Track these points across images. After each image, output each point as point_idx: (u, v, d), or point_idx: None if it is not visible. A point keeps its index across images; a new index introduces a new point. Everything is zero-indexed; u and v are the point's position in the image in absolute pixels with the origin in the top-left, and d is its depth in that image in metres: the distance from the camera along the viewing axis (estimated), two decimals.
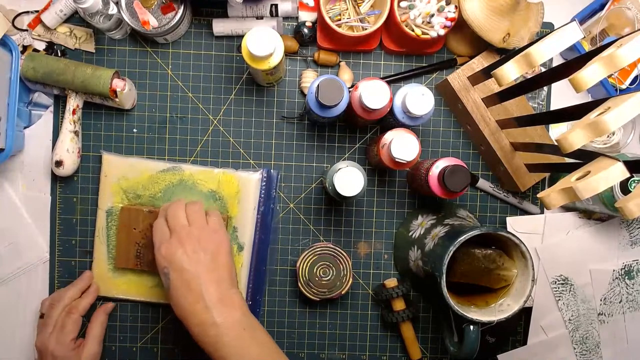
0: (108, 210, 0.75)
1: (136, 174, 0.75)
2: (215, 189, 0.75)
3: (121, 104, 0.74)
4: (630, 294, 0.76)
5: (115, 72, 0.72)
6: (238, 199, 0.76)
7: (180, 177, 0.76)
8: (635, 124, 0.76)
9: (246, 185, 0.76)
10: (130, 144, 0.78)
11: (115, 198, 0.75)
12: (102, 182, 0.75)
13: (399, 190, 0.80)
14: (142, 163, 0.75)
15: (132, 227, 0.74)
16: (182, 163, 0.76)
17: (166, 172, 0.75)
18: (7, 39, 0.72)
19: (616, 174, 0.48)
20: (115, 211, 0.75)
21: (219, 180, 0.76)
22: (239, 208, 0.76)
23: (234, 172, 0.76)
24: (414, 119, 0.67)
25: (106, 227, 0.75)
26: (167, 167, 0.75)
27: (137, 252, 0.74)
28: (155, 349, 0.79)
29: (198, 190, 0.75)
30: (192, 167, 0.76)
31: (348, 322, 0.80)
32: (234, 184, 0.76)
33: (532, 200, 0.80)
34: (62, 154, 0.73)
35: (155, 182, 0.75)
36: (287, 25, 0.78)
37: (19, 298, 0.77)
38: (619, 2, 0.76)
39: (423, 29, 0.71)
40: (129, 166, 0.75)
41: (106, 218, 0.75)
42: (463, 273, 0.66)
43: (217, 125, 0.78)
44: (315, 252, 0.74)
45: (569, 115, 0.58)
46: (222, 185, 0.76)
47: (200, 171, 0.76)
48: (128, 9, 0.71)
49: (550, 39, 0.55)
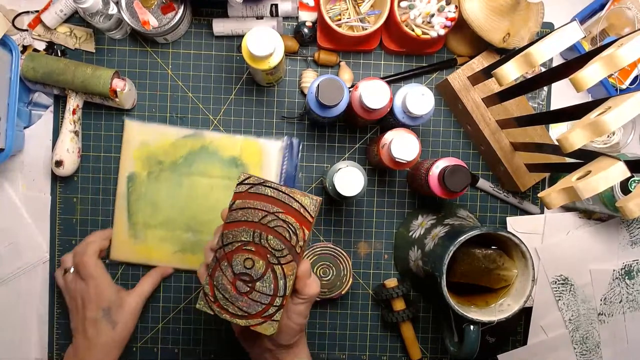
0: (129, 176, 0.76)
1: (158, 139, 0.75)
2: (237, 156, 0.76)
3: (121, 104, 0.74)
4: (630, 294, 0.76)
5: (115, 72, 0.72)
6: (260, 166, 0.76)
7: (202, 143, 0.76)
8: (635, 124, 0.76)
9: (269, 152, 0.76)
10: None
11: (136, 163, 0.76)
12: (123, 148, 0.76)
13: (399, 190, 0.80)
14: (164, 129, 0.76)
15: None
16: (204, 129, 0.77)
17: (188, 138, 0.76)
18: (7, 39, 0.72)
19: (616, 173, 0.48)
20: (135, 177, 0.75)
21: (241, 147, 0.76)
22: (261, 175, 0.76)
23: (256, 139, 0.76)
24: (414, 119, 0.67)
25: (127, 193, 0.76)
26: (189, 133, 0.76)
27: None
28: (155, 349, 0.79)
29: (219, 156, 0.76)
30: (213, 133, 0.76)
31: (348, 322, 0.80)
32: (257, 151, 0.76)
33: (532, 200, 0.80)
34: (62, 154, 0.73)
35: (177, 148, 0.76)
36: (287, 25, 0.78)
37: (19, 298, 0.77)
38: (619, 2, 0.76)
39: (423, 29, 0.71)
40: (151, 132, 0.76)
41: (127, 184, 0.76)
42: (463, 273, 0.66)
43: (217, 126, 0.78)
44: (315, 252, 0.74)
45: (569, 115, 0.58)
46: (244, 152, 0.76)
47: (222, 137, 0.76)
48: (128, 9, 0.71)
49: (550, 39, 0.55)
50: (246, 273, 0.53)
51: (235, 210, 0.54)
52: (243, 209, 0.53)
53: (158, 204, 0.76)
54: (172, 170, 0.76)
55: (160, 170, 0.76)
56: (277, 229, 0.53)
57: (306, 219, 0.53)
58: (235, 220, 0.53)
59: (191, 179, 0.76)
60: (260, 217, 0.53)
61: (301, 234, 0.53)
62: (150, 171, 0.76)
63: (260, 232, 0.53)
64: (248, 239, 0.53)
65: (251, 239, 0.53)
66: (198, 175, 0.76)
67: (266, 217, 0.53)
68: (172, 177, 0.76)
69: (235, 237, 0.53)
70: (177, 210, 0.76)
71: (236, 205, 0.54)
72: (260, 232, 0.53)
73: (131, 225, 0.76)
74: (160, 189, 0.76)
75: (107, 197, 0.77)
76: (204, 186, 0.76)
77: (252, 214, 0.53)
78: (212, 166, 0.76)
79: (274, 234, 0.53)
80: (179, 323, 0.79)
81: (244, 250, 0.53)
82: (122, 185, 0.76)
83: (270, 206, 0.53)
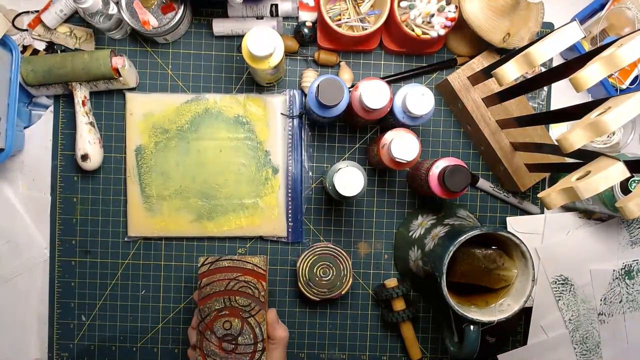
0: (137, 149, 0.76)
1: (161, 108, 0.76)
2: (242, 114, 0.76)
3: (126, 82, 0.74)
4: (630, 294, 0.76)
5: (112, 51, 0.72)
6: (266, 122, 0.76)
7: (205, 105, 0.76)
8: (635, 124, 0.76)
9: (272, 107, 0.76)
10: None
11: (143, 135, 0.76)
12: (128, 121, 0.76)
13: (399, 190, 0.80)
14: (166, 96, 0.76)
15: None
16: (205, 92, 0.77)
17: (191, 102, 0.76)
18: (7, 39, 0.72)
19: (616, 173, 0.48)
20: (143, 149, 0.76)
21: (244, 104, 0.76)
22: (268, 131, 0.76)
23: (258, 96, 0.76)
24: (414, 119, 0.67)
25: (137, 166, 0.76)
26: (191, 98, 0.76)
27: None
28: (155, 349, 0.79)
29: (224, 116, 0.76)
30: (215, 95, 0.76)
31: (348, 322, 0.80)
32: (260, 107, 0.76)
33: (532, 200, 0.80)
34: (85, 147, 0.73)
35: (181, 114, 0.76)
36: (287, 25, 0.78)
37: (19, 297, 0.77)
38: (619, 2, 0.76)
39: (423, 29, 0.71)
40: (154, 101, 0.76)
41: (135, 157, 0.76)
42: (463, 273, 0.66)
43: None
44: (315, 252, 0.74)
45: (569, 115, 0.58)
46: (248, 110, 0.76)
47: (225, 97, 0.76)
48: (128, 9, 0.71)
49: (550, 39, 0.55)
50: (228, 334, 0.63)
51: (204, 287, 0.64)
52: (210, 284, 0.64)
53: (169, 173, 0.76)
54: (179, 137, 0.76)
55: (167, 139, 0.76)
56: (241, 290, 0.64)
57: (260, 274, 0.65)
58: (206, 295, 0.64)
59: (199, 143, 0.76)
60: (225, 285, 0.64)
61: (260, 286, 0.65)
62: (157, 141, 0.76)
63: (229, 296, 0.64)
64: (220, 305, 0.64)
65: (223, 305, 0.64)
66: (205, 139, 0.76)
67: (230, 284, 0.64)
68: (180, 144, 0.76)
69: (210, 308, 0.64)
70: (189, 177, 0.76)
71: (203, 283, 0.64)
72: (229, 297, 0.64)
73: (145, 199, 0.76)
74: (169, 158, 0.76)
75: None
76: (212, 149, 0.76)
77: (218, 285, 0.64)
78: (218, 128, 0.76)
79: (240, 294, 0.64)
80: (179, 323, 0.79)
81: (220, 316, 0.64)
82: (131, 159, 0.76)
83: (230, 274, 0.65)
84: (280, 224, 0.77)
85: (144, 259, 0.78)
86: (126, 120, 0.76)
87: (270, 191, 0.76)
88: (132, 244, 0.78)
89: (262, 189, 0.76)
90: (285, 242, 0.79)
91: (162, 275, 0.78)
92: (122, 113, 0.77)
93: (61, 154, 0.77)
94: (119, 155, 0.77)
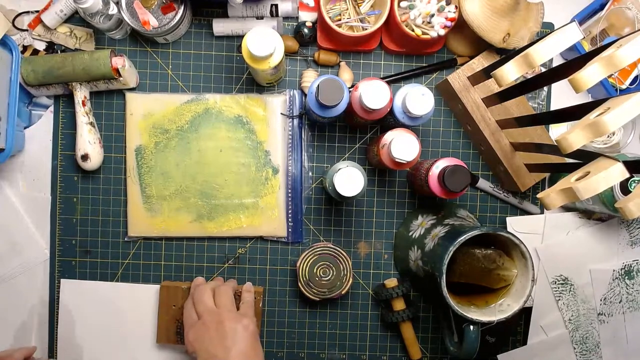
0: (137, 149, 0.76)
1: (161, 108, 0.76)
2: (242, 114, 0.76)
3: (126, 82, 0.74)
4: (630, 294, 0.76)
5: (112, 51, 0.72)
6: (266, 122, 0.76)
7: (205, 105, 0.76)
8: (635, 124, 0.76)
9: (272, 107, 0.76)
10: None
11: (143, 136, 0.76)
12: (128, 121, 0.76)
13: (399, 190, 0.80)
14: (166, 96, 0.76)
15: (172, 304, 0.75)
16: (205, 92, 0.77)
17: (191, 102, 0.76)
18: (7, 39, 0.72)
19: (616, 174, 0.48)
20: (143, 149, 0.76)
21: (244, 104, 0.76)
22: (268, 131, 0.76)
23: (258, 96, 0.76)
24: (414, 119, 0.67)
25: (137, 166, 0.76)
26: (191, 98, 0.76)
27: (177, 329, 0.75)
28: None
29: (224, 116, 0.76)
30: (215, 95, 0.76)
31: (348, 322, 0.80)
32: (260, 107, 0.76)
33: (532, 200, 0.80)
34: (85, 147, 0.73)
35: (181, 114, 0.76)
36: (287, 25, 0.78)
37: (19, 297, 0.77)
38: (619, 2, 0.76)
39: (423, 29, 0.71)
40: (153, 101, 0.76)
41: (136, 157, 0.76)
42: (463, 273, 0.66)
43: None
44: (315, 252, 0.74)
45: (569, 115, 0.58)
46: (248, 110, 0.76)
47: (225, 98, 0.76)
48: (128, 9, 0.71)
49: (550, 39, 0.55)
50: None
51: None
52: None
53: (169, 173, 0.76)
54: (179, 137, 0.76)
55: (167, 139, 0.76)
56: None
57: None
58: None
59: (199, 143, 0.76)
60: None
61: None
62: (158, 141, 0.76)
63: None
64: None
65: None
66: (205, 139, 0.76)
67: None
68: (180, 145, 0.76)
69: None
70: (189, 177, 0.76)
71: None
72: None
73: (145, 199, 0.76)
74: (169, 158, 0.76)
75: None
76: (212, 149, 0.76)
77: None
78: (218, 128, 0.76)
79: None
80: None
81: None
82: (131, 159, 0.76)
83: None
84: (280, 224, 0.77)
85: (144, 259, 0.78)
86: (126, 120, 0.76)
87: (270, 191, 0.77)
88: (132, 244, 0.78)
89: (262, 189, 0.76)
90: (285, 242, 0.79)
91: (162, 275, 0.78)
92: (122, 113, 0.77)
93: (61, 154, 0.77)
94: (119, 155, 0.77)
